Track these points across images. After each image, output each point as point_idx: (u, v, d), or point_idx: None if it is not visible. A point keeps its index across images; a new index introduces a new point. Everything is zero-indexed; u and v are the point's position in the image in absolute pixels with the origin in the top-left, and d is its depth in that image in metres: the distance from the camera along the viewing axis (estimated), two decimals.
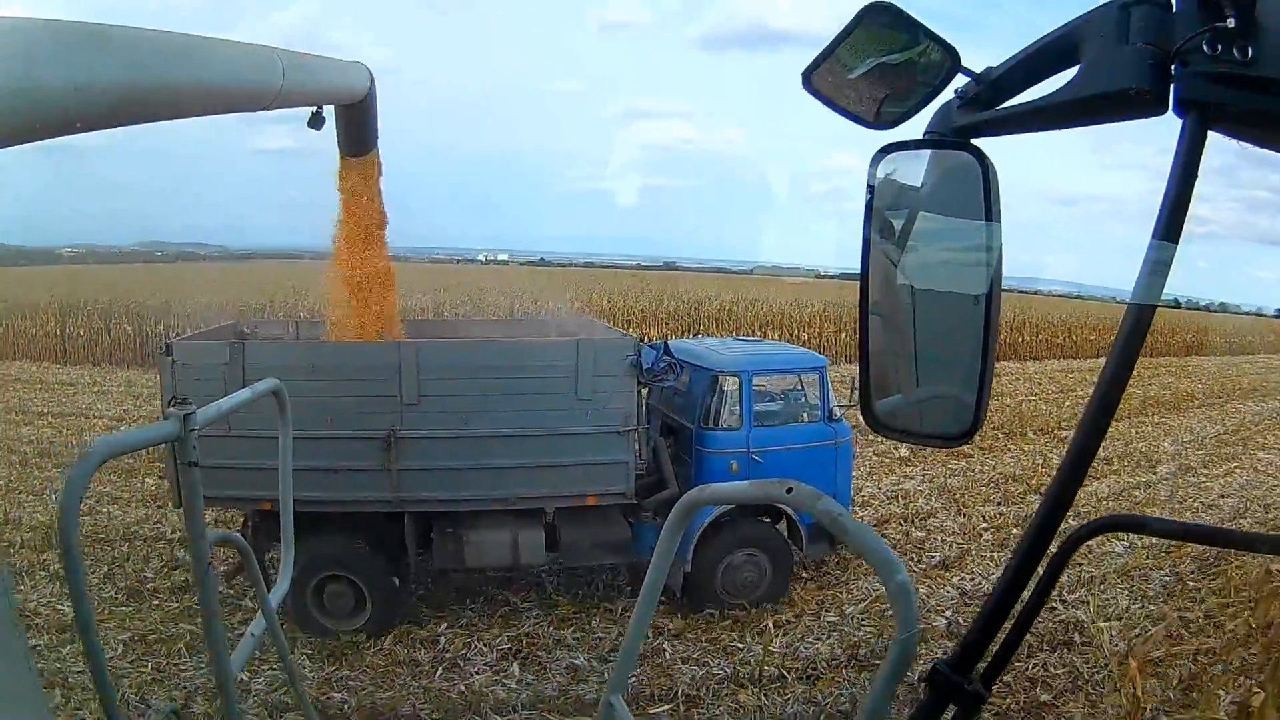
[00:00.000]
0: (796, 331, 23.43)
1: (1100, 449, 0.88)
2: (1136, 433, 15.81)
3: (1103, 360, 0.87)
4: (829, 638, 7.21)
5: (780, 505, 4.13)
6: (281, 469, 2.15)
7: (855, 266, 1.14)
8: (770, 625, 7.31)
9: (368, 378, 6.89)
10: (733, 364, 7.75)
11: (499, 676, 6.54)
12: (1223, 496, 12.00)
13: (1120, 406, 0.88)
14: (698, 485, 6.52)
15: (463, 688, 6.36)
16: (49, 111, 2.45)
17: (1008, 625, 0.99)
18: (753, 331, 22.41)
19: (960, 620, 7.50)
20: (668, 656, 6.82)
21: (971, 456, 13.10)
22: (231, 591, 7.09)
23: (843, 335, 22.95)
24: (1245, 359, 30.48)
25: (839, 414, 8.00)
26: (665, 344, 7.81)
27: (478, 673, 6.57)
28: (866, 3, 1.06)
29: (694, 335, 20.94)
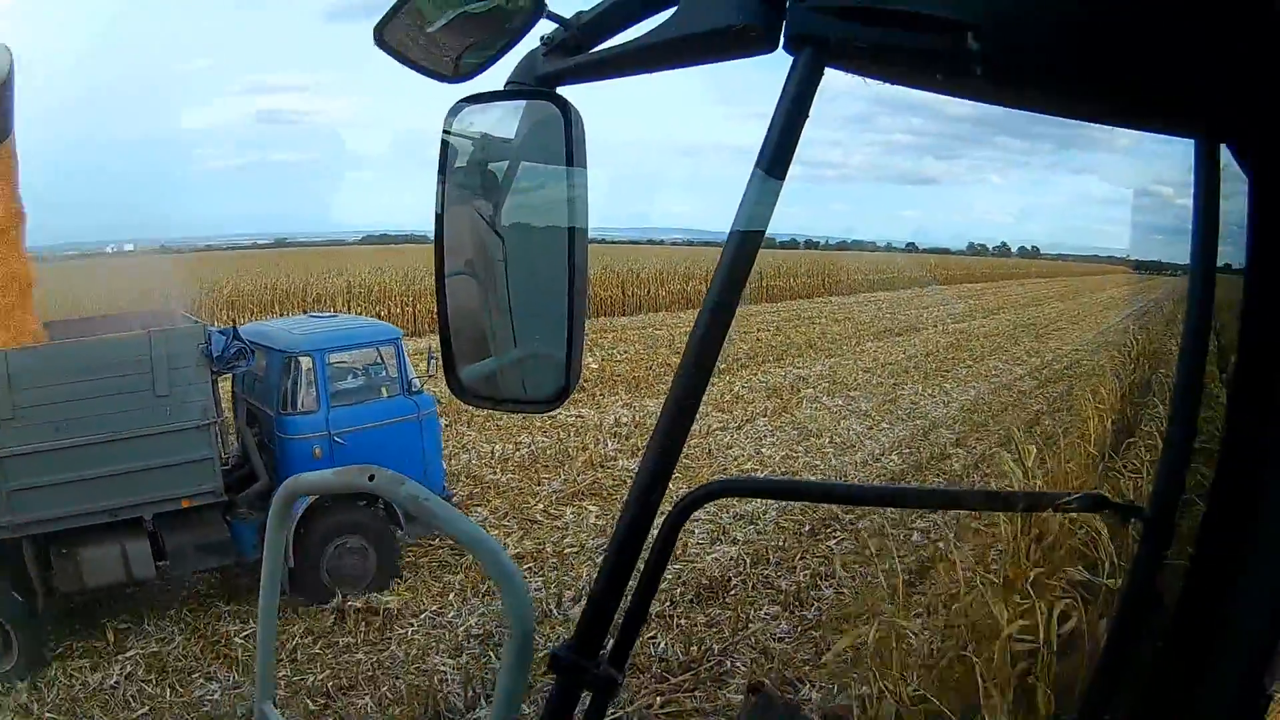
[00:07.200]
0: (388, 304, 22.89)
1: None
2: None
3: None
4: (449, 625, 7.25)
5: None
6: None
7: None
8: (383, 615, 7.36)
9: None
10: (304, 343, 7.58)
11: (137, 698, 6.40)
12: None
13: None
14: (282, 473, 7.44)
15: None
16: None
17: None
18: (359, 308, 21.67)
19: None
20: (299, 656, 6.87)
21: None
22: None
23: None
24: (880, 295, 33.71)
25: (419, 386, 8.07)
26: (234, 328, 7.51)
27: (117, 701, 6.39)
28: None
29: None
